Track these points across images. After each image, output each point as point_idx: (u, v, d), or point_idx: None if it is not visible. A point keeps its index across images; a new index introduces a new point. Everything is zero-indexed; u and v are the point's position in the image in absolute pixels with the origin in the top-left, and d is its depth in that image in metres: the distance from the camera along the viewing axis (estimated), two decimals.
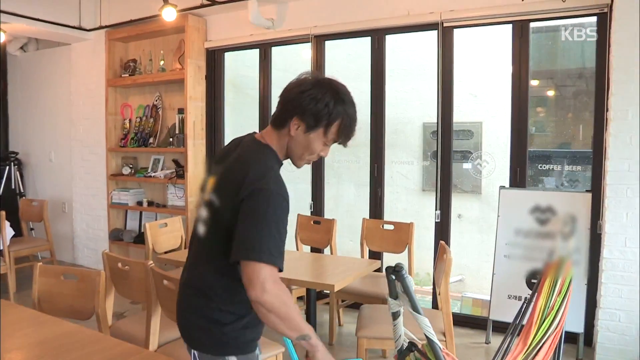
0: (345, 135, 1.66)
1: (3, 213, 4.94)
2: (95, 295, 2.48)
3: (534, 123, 5.70)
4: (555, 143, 5.62)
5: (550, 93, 5.84)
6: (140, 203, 5.85)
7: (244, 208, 1.55)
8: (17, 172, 6.73)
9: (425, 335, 1.77)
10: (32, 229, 6.45)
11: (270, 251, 1.51)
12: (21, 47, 7.03)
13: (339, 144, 1.71)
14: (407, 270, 1.70)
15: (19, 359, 1.86)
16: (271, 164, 1.66)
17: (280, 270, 1.55)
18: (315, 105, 1.60)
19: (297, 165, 1.75)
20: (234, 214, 1.56)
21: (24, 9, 5.41)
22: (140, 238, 5.61)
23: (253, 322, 1.68)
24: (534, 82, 5.58)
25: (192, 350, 1.70)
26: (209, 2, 5.03)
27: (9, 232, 5.13)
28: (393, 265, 1.75)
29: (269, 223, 1.52)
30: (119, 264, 2.84)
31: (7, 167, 6.67)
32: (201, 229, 1.72)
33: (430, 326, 1.76)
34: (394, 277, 1.74)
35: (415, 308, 1.74)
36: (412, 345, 1.88)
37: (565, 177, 5.11)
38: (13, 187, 6.66)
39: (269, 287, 1.49)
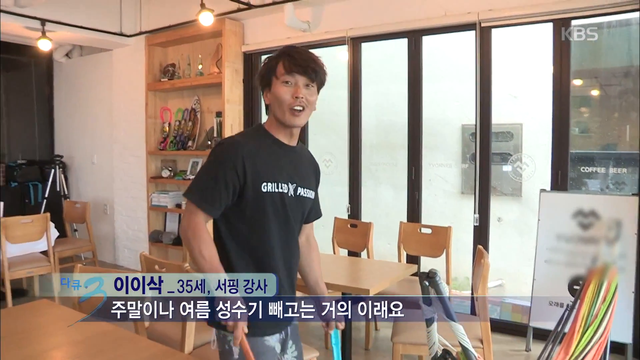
0: (288, 61, 1.77)
1: (48, 215, 5.09)
2: None
3: (576, 124, 5.52)
4: (600, 144, 5.43)
5: (594, 93, 5.65)
6: (179, 205, 5.93)
7: None
8: (62, 175, 6.94)
9: (460, 343, 1.74)
10: (75, 230, 6.62)
11: (196, 192, 1.75)
12: (66, 54, 7.25)
13: (294, 72, 1.76)
14: (444, 275, 1.68)
15: (58, 357, 1.91)
16: (243, 133, 1.93)
17: (208, 213, 1.74)
18: (261, 70, 1.85)
19: (289, 121, 1.80)
20: None
21: (69, 17, 5.60)
22: (179, 240, 5.68)
23: None
24: (577, 82, 5.41)
25: None
26: (245, 7, 5.07)
27: (54, 233, 5.28)
28: (427, 271, 1.72)
29: (205, 168, 1.79)
30: (156, 266, 2.87)
31: (53, 170, 6.88)
32: None
33: (465, 334, 1.72)
34: (427, 283, 1.71)
35: (449, 315, 1.70)
36: (446, 352, 1.84)
37: (611, 179, 4.93)
38: (58, 189, 6.87)
39: (184, 223, 1.76)
